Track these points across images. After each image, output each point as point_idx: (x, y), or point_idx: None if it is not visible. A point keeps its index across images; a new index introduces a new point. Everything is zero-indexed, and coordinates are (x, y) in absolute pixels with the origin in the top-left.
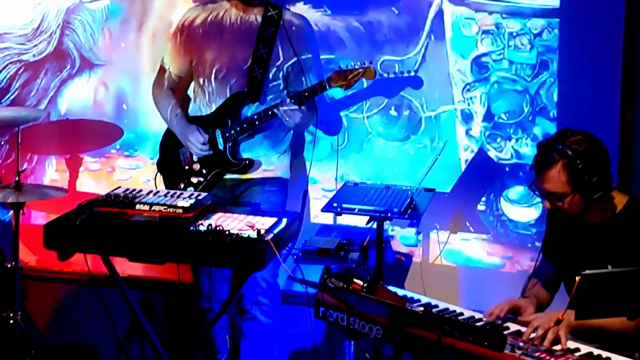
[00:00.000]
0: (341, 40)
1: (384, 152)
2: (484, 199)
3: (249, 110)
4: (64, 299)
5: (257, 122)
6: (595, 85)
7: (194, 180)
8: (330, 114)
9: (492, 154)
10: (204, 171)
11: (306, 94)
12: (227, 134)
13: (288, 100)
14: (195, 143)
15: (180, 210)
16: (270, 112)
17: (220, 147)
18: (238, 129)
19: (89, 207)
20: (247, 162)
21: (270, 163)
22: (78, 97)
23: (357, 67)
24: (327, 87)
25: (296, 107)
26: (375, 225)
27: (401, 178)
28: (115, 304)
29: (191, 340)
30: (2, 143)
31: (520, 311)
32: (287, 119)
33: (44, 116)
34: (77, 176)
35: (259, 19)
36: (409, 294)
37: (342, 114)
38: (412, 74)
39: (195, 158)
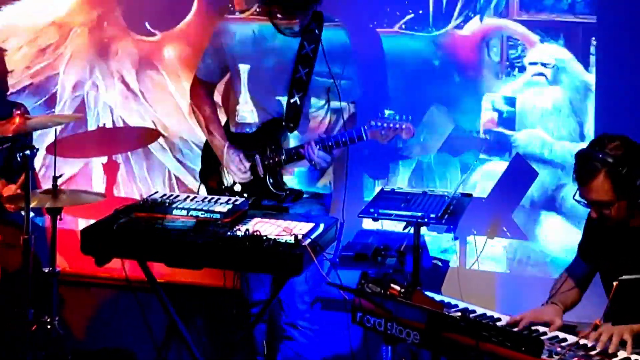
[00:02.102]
0: None
1: None
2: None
3: (289, 137)
4: (101, 305)
5: (295, 157)
6: (632, 91)
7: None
8: (379, 160)
9: None
10: (245, 195)
11: (343, 140)
12: (267, 163)
13: (315, 146)
14: (237, 172)
15: (218, 216)
16: (300, 155)
17: (261, 174)
18: (277, 159)
19: (126, 212)
20: (287, 192)
21: (312, 180)
22: None
23: (395, 125)
24: (364, 139)
25: (327, 155)
26: (412, 231)
27: None
28: (153, 309)
29: (229, 345)
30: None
31: (549, 324)
32: (313, 163)
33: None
34: (115, 181)
35: (298, 34)
36: (446, 299)
37: None
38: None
39: (237, 179)
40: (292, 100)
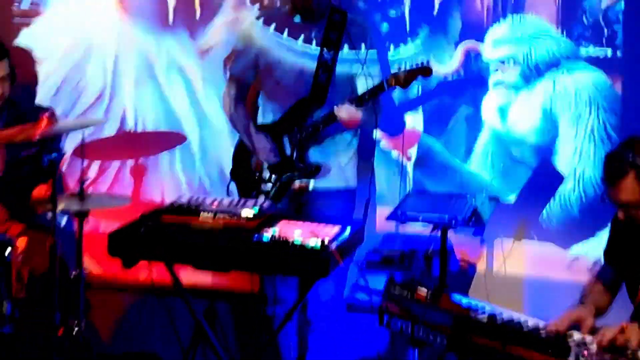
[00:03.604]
0: None
1: None
2: None
3: (316, 115)
4: (127, 308)
5: (321, 126)
6: None
7: (265, 188)
8: (394, 114)
9: None
10: (274, 178)
11: (366, 96)
12: (294, 140)
13: (347, 103)
14: (263, 150)
15: (244, 219)
16: (333, 116)
17: (288, 153)
18: (304, 133)
19: (154, 215)
20: (315, 167)
21: (335, 172)
22: None
23: (413, 66)
24: (385, 88)
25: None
26: (439, 234)
27: None
28: (179, 313)
29: (256, 349)
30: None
31: (580, 324)
32: (345, 120)
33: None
34: (142, 185)
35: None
36: (474, 302)
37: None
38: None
39: (265, 166)
40: (318, 80)
